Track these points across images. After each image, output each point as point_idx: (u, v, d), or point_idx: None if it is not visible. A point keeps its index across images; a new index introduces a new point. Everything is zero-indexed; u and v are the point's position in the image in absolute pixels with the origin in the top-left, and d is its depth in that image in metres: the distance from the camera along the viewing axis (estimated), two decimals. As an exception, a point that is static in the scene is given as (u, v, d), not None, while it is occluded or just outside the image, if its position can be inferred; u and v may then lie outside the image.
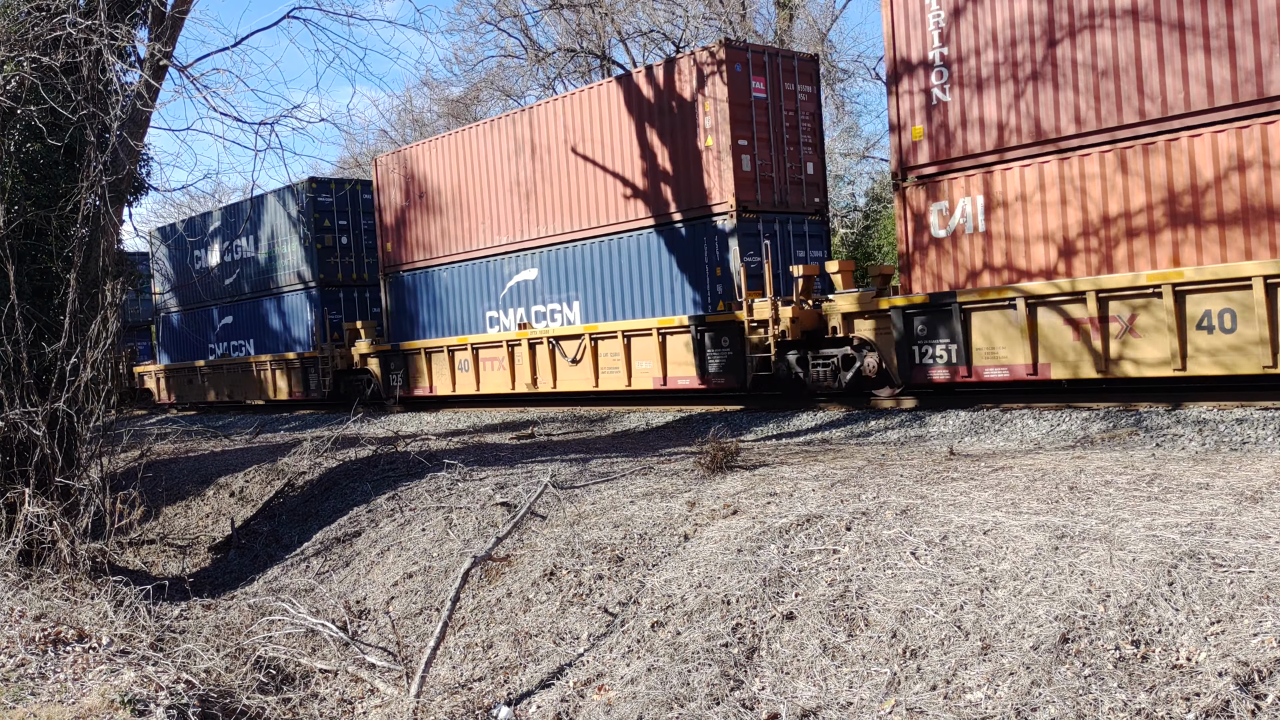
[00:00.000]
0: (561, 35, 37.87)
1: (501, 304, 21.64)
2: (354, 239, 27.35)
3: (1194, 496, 7.34)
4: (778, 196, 18.00)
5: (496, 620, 8.24)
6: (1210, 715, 4.73)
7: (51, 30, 10.78)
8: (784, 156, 18.20)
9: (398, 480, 12.65)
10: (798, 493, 8.85)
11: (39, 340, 11.20)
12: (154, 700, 6.31)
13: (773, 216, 17.91)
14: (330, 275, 26.81)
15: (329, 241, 26.82)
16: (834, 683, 6.03)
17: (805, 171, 18.46)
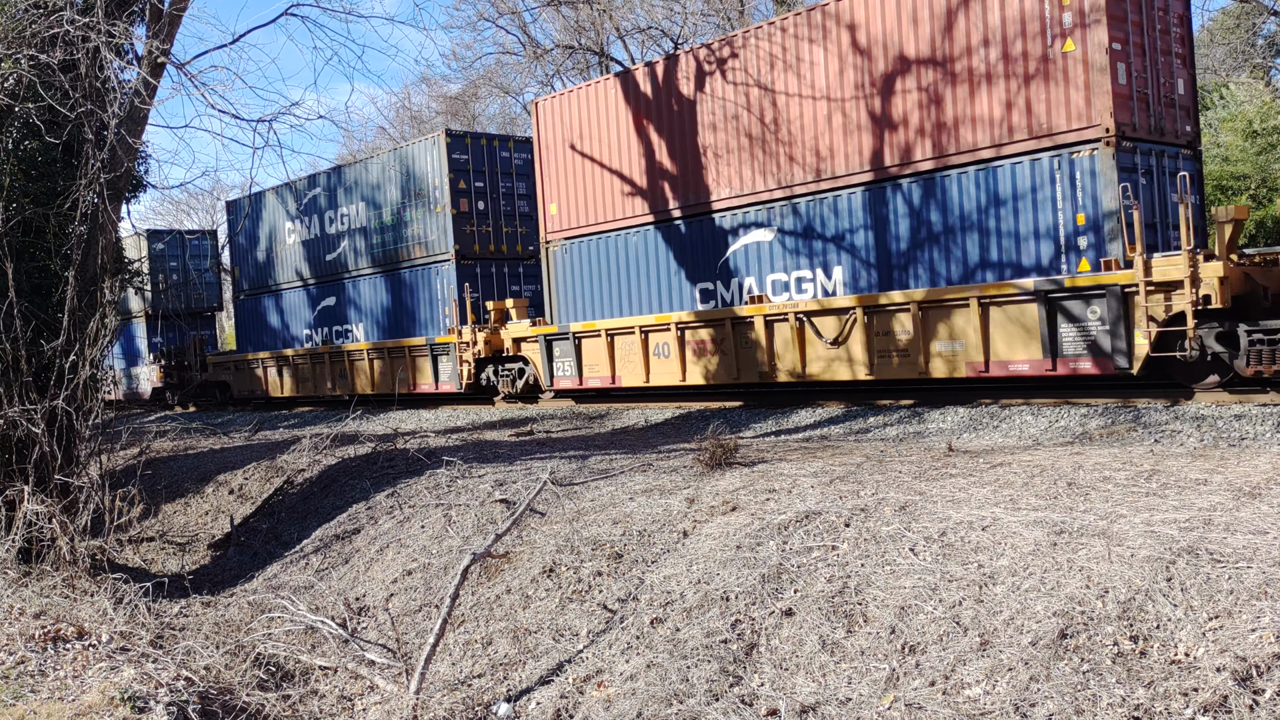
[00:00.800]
0: (559, 32, 37.86)
1: (720, 273, 17.54)
2: (492, 205, 23.05)
3: (1192, 492, 7.35)
4: (1153, 122, 13.71)
5: (496, 617, 8.24)
6: (1209, 710, 4.74)
7: (49, 28, 10.76)
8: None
9: (397, 477, 12.65)
10: (796, 489, 8.85)
11: (38, 338, 11.20)
12: (154, 697, 6.32)
13: (1149, 147, 13.69)
14: (466, 246, 22.43)
15: (464, 207, 22.44)
16: (833, 679, 6.04)
17: (1177, 92, 14.27)
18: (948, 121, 14.40)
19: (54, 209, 11.67)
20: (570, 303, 20.05)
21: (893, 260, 15.21)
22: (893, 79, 14.97)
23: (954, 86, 14.25)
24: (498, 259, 23.27)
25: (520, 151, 23.63)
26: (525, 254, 23.67)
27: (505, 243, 23.40)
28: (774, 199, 16.62)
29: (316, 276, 26.54)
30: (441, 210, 22.51)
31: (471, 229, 22.69)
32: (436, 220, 22.73)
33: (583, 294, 19.79)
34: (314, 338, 26.66)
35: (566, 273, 20.01)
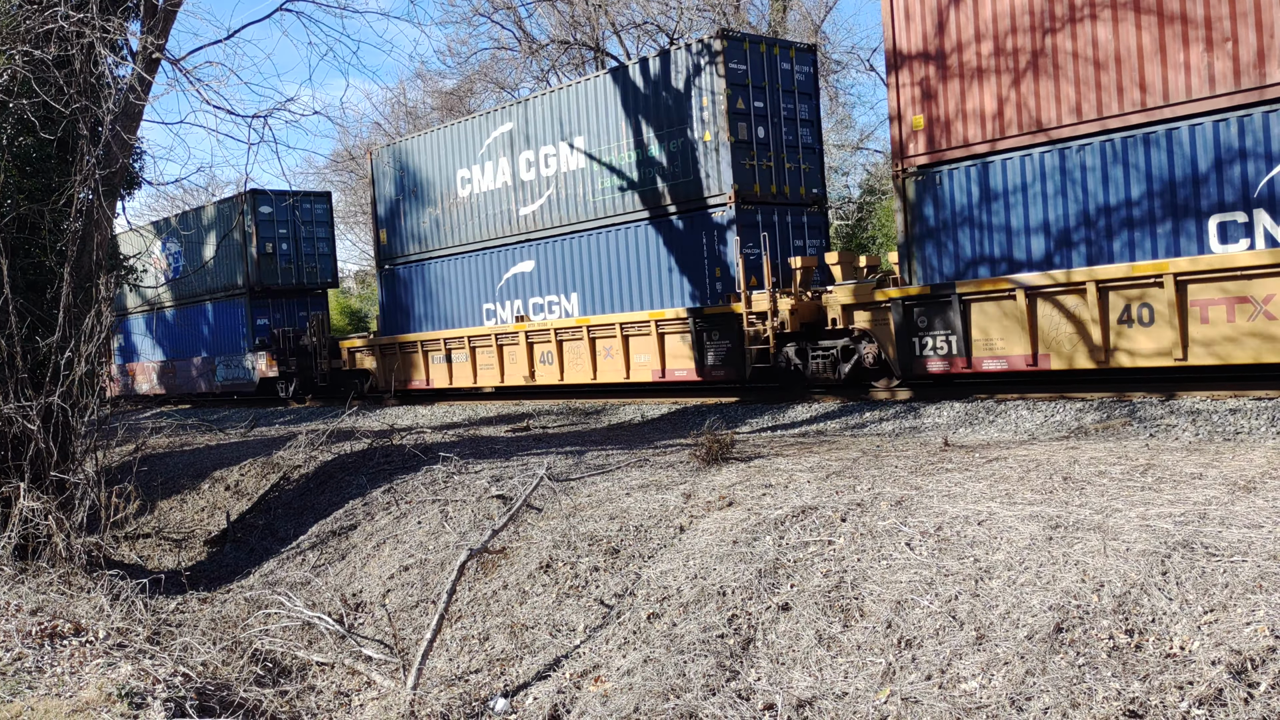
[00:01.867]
0: (555, 27, 37.80)
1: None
2: (773, 133, 17.57)
3: (1187, 486, 7.37)
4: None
5: (493, 612, 8.25)
6: (1204, 704, 4.76)
7: (43, 23, 10.73)
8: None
9: (393, 473, 12.65)
10: (793, 484, 8.87)
11: (33, 335, 11.18)
12: (151, 693, 6.32)
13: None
14: (746, 186, 17.04)
15: (743, 135, 17.06)
16: (829, 673, 6.05)
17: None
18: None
19: (49, 205, 11.65)
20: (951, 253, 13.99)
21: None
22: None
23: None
24: (780, 204, 17.69)
25: (802, 64, 18.16)
26: (808, 199, 18.15)
27: (788, 183, 17.84)
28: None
29: (504, 236, 21.10)
30: (712, 139, 17.14)
31: (750, 164, 17.13)
32: (705, 153, 17.29)
33: (976, 238, 13.81)
34: (498, 313, 21.38)
35: (948, 207, 14.01)
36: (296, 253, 29.16)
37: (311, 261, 29.51)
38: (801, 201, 18.08)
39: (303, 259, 29.27)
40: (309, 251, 29.46)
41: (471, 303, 22.19)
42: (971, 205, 13.72)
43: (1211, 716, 4.69)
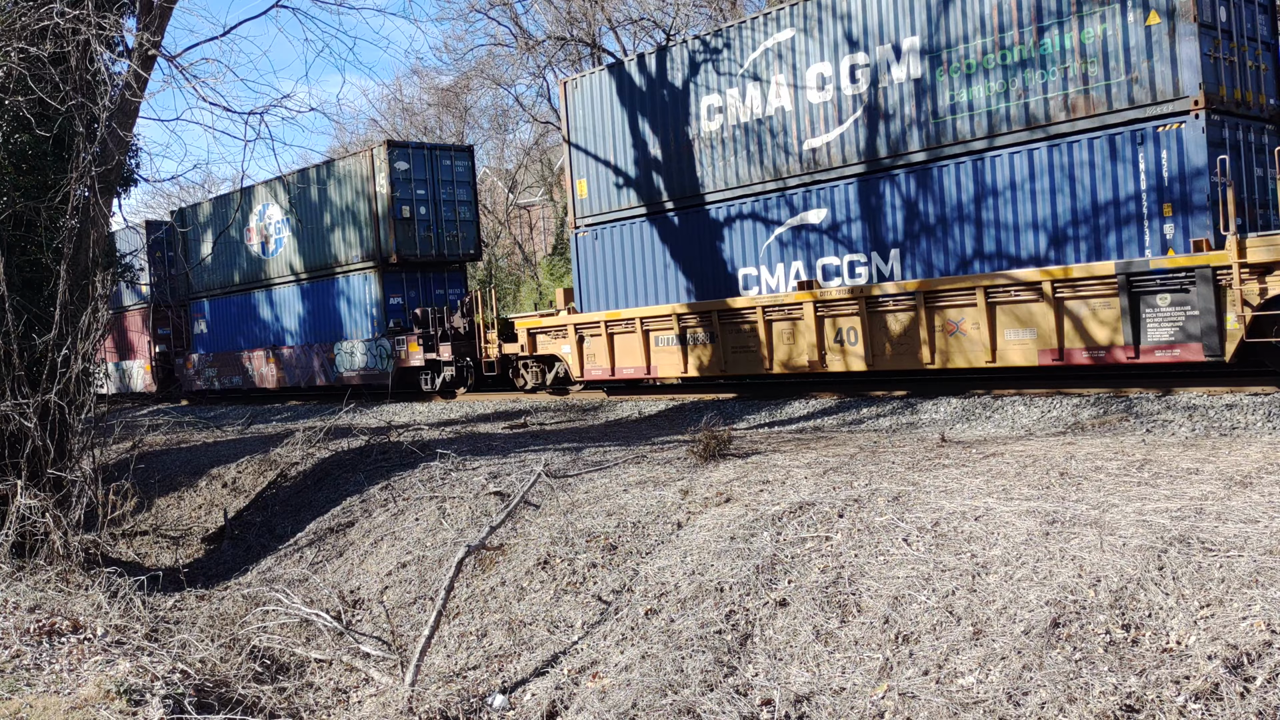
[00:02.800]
0: (551, 23, 37.79)
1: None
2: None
3: (1184, 482, 7.39)
4: None
5: (491, 609, 8.26)
6: (1200, 698, 4.77)
7: (39, 20, 10.71)
8: None
9: (390, 470, 12.65)
10: (790, 480, 8.88)
11: (29, 332, 11.16)
12: (149, 690, 6.33)
13: None
14: (1212, 87, 12.07)
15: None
16: (827, 668, 6.06)
17: None
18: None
19: (45, 202, 11.64)
20: None
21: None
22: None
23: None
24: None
25: None
26: None
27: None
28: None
29: (777, 179, 16.28)
30: (1171, 16, 12.06)
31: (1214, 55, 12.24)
32: (1150, 40, 12.29)
33: None
34: (763, 279, 16.55)
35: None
36: (436, 218, 24.23)
37: (452, 229, 24.45)
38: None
39: (443, 225, 24.28)
40: (449, 217, 24.44)
41: (721, 266, 17.25)
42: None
43: (1208, 711, 4.70)
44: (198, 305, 30.44)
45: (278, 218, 26.96)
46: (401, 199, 23.86)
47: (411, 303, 24.23)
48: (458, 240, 24.88)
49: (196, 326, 30.75)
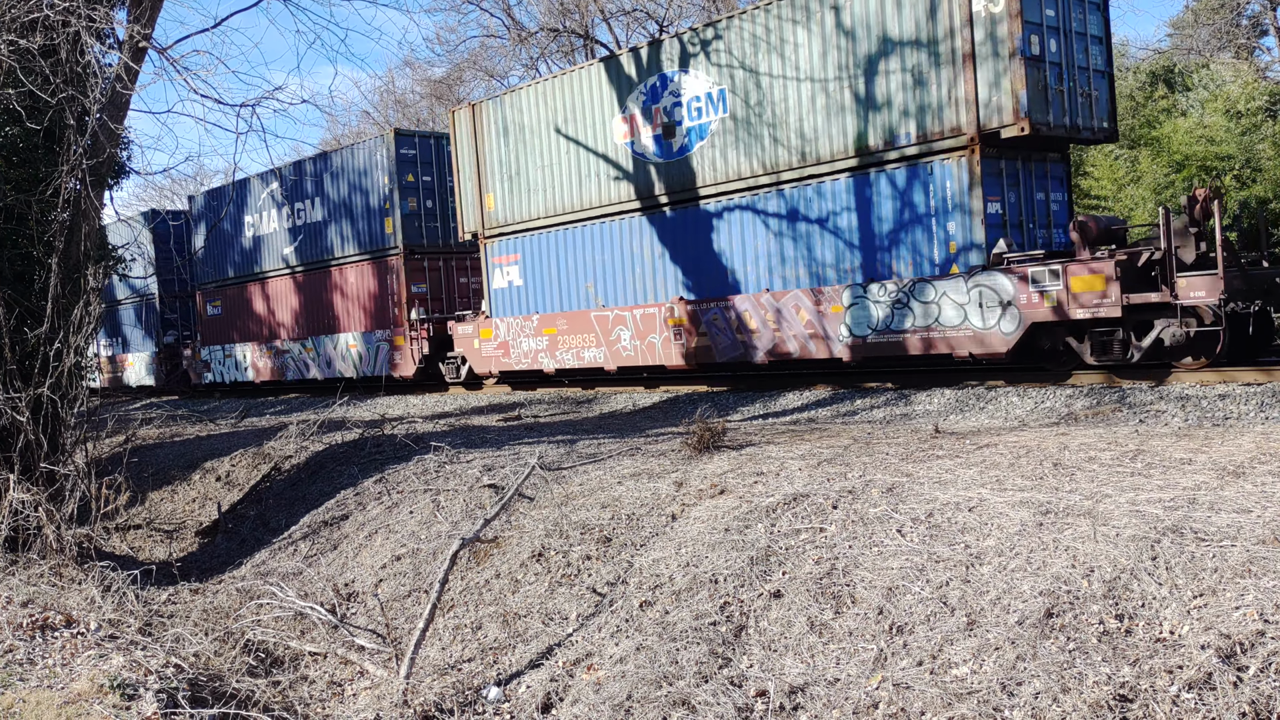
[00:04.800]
0: (544, 15, 37.68)
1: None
2: None
3: (1177, 472, 7.40)
4: None
5: (485, 601, 8.26)
6: (1193, 687, 4.78)
7: (29, 12, 10.65)
8: None
9: (385, 463, 12.64)
10: (784, 472, 8.88)
11: (21, 326, 11.13)
12: (143, 684, 6.31)
13: None
14: None
15: None
16: (821, 660, 6.07)
17: None
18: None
19: (36, 195, 11.59)
20: None
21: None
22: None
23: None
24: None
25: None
26: None
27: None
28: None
29: None
30: None
31: None
32: None
33: None
34: None
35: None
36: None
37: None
38: None
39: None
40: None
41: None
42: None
43: (1201, 700, 4.72)
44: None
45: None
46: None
47: None
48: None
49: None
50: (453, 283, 24.29)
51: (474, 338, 21.06)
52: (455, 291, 24.28)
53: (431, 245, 23.79)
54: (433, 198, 23.80)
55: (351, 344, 24.98)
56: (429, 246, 23.77)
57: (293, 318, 27.24)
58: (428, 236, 23.76)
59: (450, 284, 24.28)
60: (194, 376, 30.58)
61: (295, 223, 26.56)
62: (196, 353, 30.51)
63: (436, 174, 23.84)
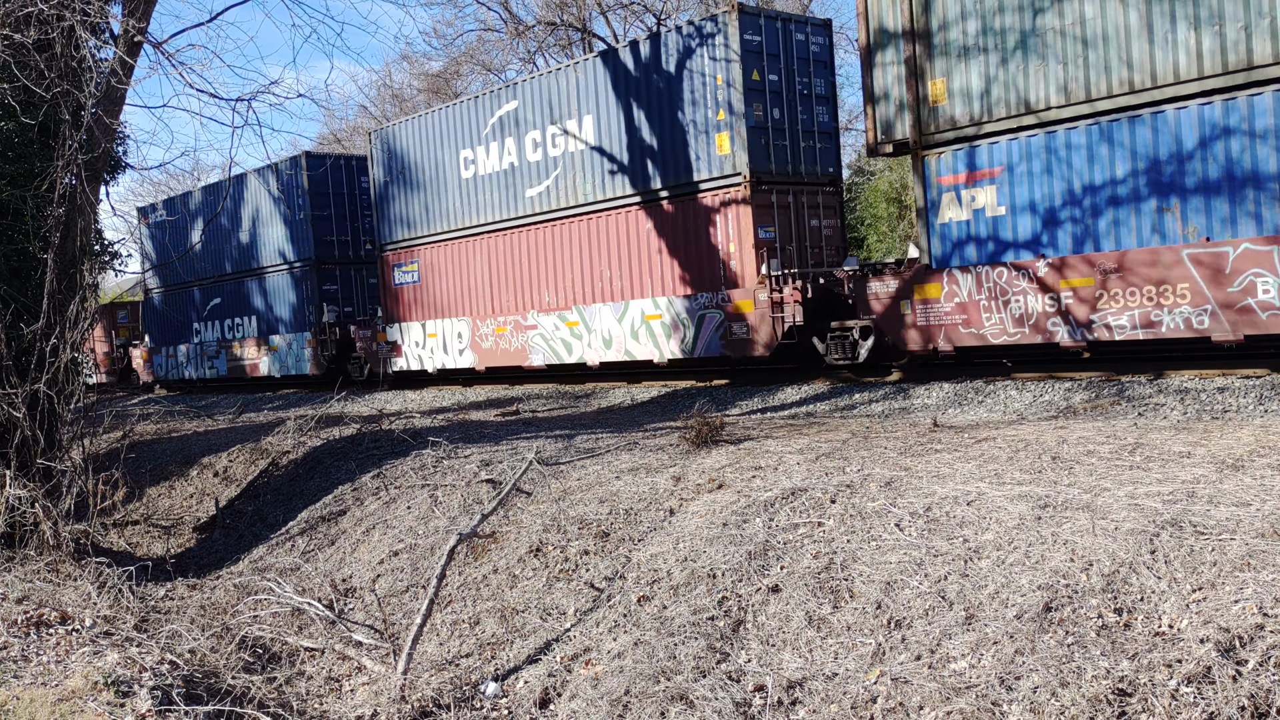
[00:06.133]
0: (541, 8, 37.59)
1: None
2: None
3: (1176, 465, 7.38)
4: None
5: (483, 597, 8.24)
6: (1192, 681, 4.76)
7: (23, 6, 10.60)
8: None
9: (382, 458, 12.61)
10: (782, 466, 8.86)
11: (17, 322, 11.09)
12: (138, 681, 6.29)
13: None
14: None
15: None
16: (819, 654, 6.05)
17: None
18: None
19: (31, 191, 11.54)
20: None
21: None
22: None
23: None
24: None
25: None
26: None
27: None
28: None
29: None
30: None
31: None
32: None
33: None
34: None
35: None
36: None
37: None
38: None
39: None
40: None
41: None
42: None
43: (1200, 694, 4.70)
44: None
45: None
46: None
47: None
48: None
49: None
50: (803, 226, 17.47)
51: (903, 300, 14.37)
52: (806, 237, 17.50)
53: (781, 174, 17.08)
54: (780, 107, 17.14)
55: (651, 313, 18.12)
56: (778, 175, 17.04)
57: (542, 282, 20.31)
58: (776, 161, 17.07)
59: (800, 227, 17.44)
60: (376, 364, 24.29)
61: (548, 153, 19.94)
62: (380, 332, 24.17)
63: (785, 73, 17.19)
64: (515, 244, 20.68)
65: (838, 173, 18.12)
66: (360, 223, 27.13)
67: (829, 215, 17.79)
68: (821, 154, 17.78)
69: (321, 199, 26.53)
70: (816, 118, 17.68)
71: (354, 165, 27.26)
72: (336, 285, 26.87)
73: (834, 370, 16.00)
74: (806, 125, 17.51)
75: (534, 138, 20.17)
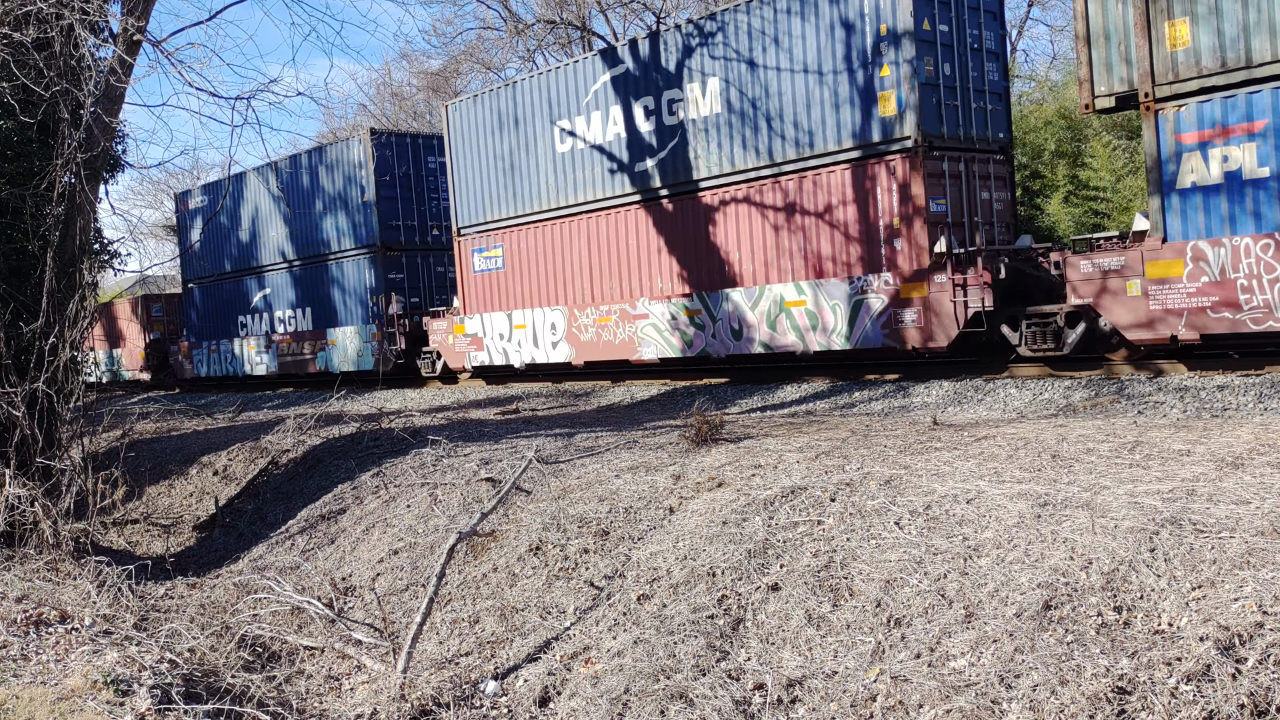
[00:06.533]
0: (541, 6, 37.57)
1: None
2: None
3: (1175, 463, 7.38)
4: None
5: (483, 595, 8.23)
6: (1192, 679, 4.76)
7: (22, 4, 10.59)
8: None
9: (382, 457, 12.61)
10: (782, 464, 8.85)
11: (16, 320, 11.09)
12: (137, 680, 6.29)
13: None
14: None
15: None
16: (819, 652, 6.05)
17: None
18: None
19: (30, 189, 11.53)
20: None
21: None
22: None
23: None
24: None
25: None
26: None
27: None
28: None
29: None
30: None
31: None
32: None
33: None
34: None
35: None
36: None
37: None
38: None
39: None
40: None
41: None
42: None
43: (1199, 692, 4.69)
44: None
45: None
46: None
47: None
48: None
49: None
50: (974, 199, 15.39)
51: (1129, 279, 12.30)
52: (977, 211, 15.39)
53: (953, 138, 15.13)
54: (950, 62, 15.08)
55: (793, 299, 16.05)
56: (949, 140, 15.08)
57: (654, 266, 18.22)
58: (948, 123, 15.07)
59: (971, 201, 15.31)
60: (452, 359, 22.34)
61: (663, 121, 17.86)
62: (458, 324, 22.05)
63: (955, 24, 15.19)
64: (622, 224, 18.46)
65: (1008, 139, 16.16)
66: (427, 206, 24.99)
67: (1000, 187, 15.73)
68: (992, 117, 15.74)
69: (387, 181, 24.41)
70: (987, 75, 15.58)
71: (420, 144, 25.08)
72: (402, 274, 24.62)
73: (1030, 363, 14.00)
74: (977, 84, 15.39)
75: (646, 104, 18.03)
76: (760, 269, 16.40)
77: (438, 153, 24.81)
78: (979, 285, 13.76)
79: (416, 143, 25.12)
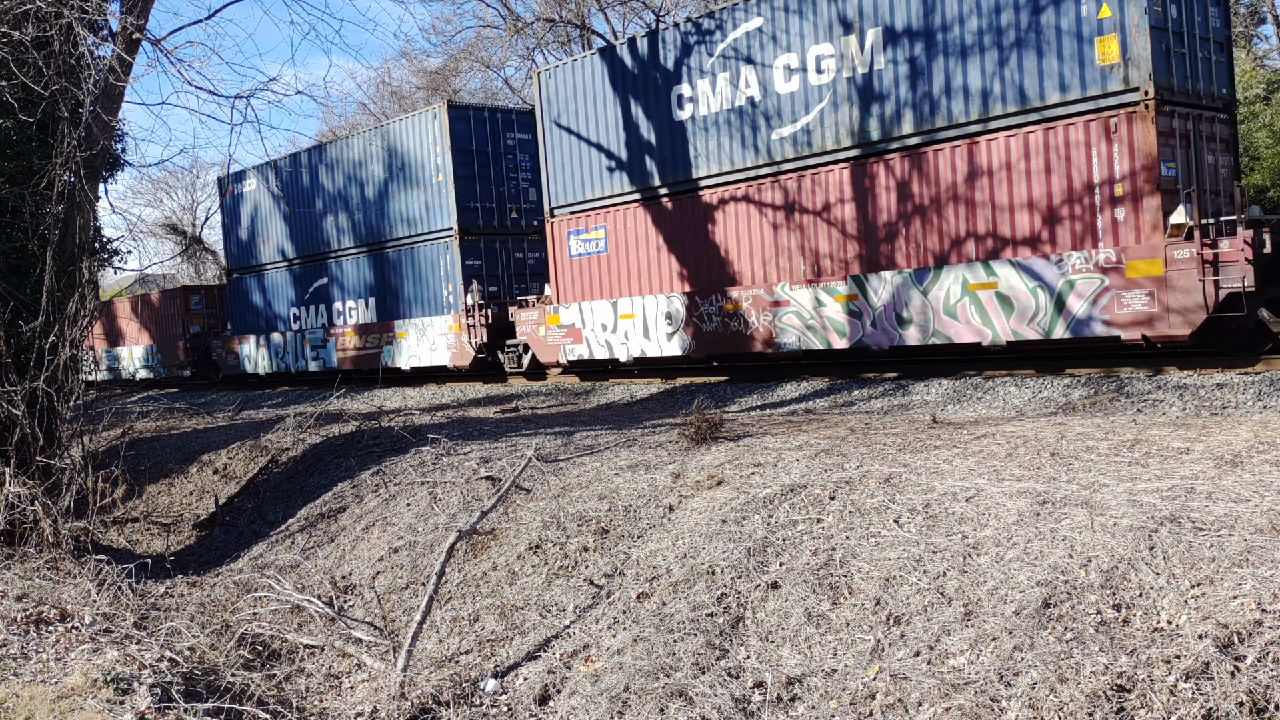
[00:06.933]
0: (540, 5, 37.56)
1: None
2: None
3: (1174, 461, 7.38)
4: None
5: (482, 594, 8.24)
6: (1191, 677, 4.77)
7: (21, 3, 10.59)
8: None
9: (382, 455, 12.61)
10: (781, 463, 8.86)
11: (16, 319, 11.09)
12: (137, 679, 6.29)
13: None
14: None
15: None
16: (818, 651, 6.05)
17: None
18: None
19: (30, 188, 11.53)
20: None
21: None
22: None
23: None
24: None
25: None
26: None
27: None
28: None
29: None
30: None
31: None
32: None
33: None
34: None
35: None
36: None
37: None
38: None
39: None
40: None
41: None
42: None
43: (1198, 690, 4.70)
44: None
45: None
46: None
47: None
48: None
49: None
50: (1201, 163, 13.14)
51: None
52: (1204, 178, 13.18)
53: (1182, 92, 12.93)
54: (1177, 2, 12.94)
55: (978, 282, 13.86)
56: (1179, 94, 12.88)
57: (793, 246, 16.00)
58: (1177, 75, 12.88)
59: (1199, 165, 13.10)
60: (544, 351, 20.14)
61: (808, 83, 15.54)
62: (551, 314, 20.09)
63: None
64: (754, 200, 16.37)
65: (1231, 95, 13.90)
66: (505, 187, 22.88)
67: (1224, 151, 13.45)
68: (1216, 69, 13.47)
69: (464, 157, 22.23)
70: (1210, 21, 13.33)
71: (498, 119, 22.96)
72: (480, 260, 22.44)
73: None
74: (1201, 31, 13.23)
75: (787, 63, 15.61)
76: (933, 246, 14.27)
77: (517, 128, 22.89)
78: (1239, 261, 11.39)
79: (495, 117, 23.11)
